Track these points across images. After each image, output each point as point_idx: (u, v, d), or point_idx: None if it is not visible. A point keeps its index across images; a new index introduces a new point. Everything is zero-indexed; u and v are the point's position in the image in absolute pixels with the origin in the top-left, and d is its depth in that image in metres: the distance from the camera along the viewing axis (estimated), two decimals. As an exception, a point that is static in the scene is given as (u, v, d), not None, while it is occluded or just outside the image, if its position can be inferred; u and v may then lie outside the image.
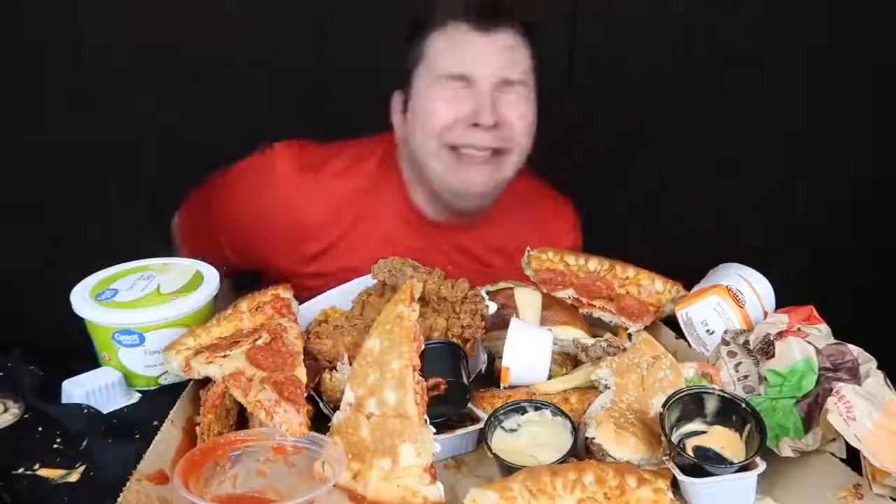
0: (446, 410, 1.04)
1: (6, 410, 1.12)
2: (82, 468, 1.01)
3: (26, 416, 1.12)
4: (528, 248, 1.36)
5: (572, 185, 2.07)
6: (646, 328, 1.27)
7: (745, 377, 1.08)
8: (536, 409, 1.05)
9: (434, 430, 0.96)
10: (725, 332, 1.16)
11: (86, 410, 1.10)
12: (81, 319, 1.17)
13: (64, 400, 1.13)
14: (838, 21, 2.00)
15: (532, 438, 1.02)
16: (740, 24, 2.00)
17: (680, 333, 1.26)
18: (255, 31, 1.85)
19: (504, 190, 1.46)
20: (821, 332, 1.09)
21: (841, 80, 2.04)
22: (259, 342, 1.08)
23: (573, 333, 1.21)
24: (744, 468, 0.91)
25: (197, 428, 1.01)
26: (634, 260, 1.37)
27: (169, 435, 0.99)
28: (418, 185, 1.48)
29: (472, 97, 1.36)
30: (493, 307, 1.17)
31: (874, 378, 0.98)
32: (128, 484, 0.87)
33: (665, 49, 2.00)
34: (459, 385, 1.04)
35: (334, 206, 1.47)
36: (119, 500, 0.85)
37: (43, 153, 1.85)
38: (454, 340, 1.09)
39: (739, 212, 2.11)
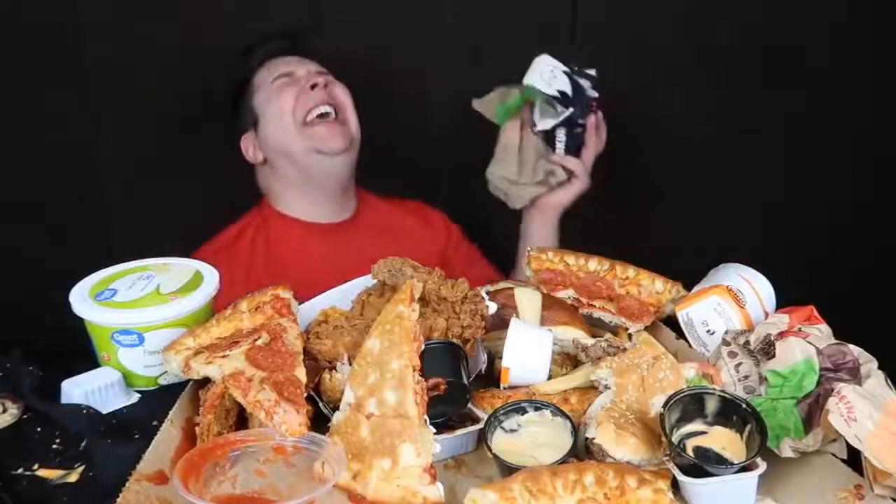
0: (446, 410, 1.04)
1: (5, 411, 1.12)
2: (81, 468, 1.01)
3: (25, 416, 1.12)
4: (528, 248, 1.37)
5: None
6: (646, 328, 1.27)
7: (746, 377, 1.08)
8: (536, 409, 1.05)
9: (434, 431, 0.96)
10: (726, 332, 1.16)
11: (85, 411, 1.10)
12: (81, 319, 1.16)
13: (63, 400, 1.13)
14: (838, 21, 2.00)
15: (532, 439, 1.02)
16: (741, 25, 2.00)
17: (680, 334, 1.26)
18: (256, 27, 1.85)
19: (356, 157, 1.71)
20: (821, 333, 1.09)
21: (841, 80, 2.04)
22: (259, 342, 1.07)
23: (573, 333, 1.21)
24: (744, 469, 0.91)
25: (196, 428, 1.01)
26: (634, 260, 1.37)
27: (168, 435, 0.99)
28: (290, 200, 1.73)
29: (299, 80, 1.68)
30: (493, 307, 1.16)
31: (875, 378, 0.98)
32: (127, 484, 0.87)
33: (665, 48, 1.99)
34: (459, 385, 1.04)
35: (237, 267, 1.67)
36: (118, 500, 0.85)
37: (43, 153, 1.85)
38: (454, 340, 1.09)
39: (740, 212, 2.11)
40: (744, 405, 0.95)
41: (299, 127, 1.64)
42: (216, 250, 1.69)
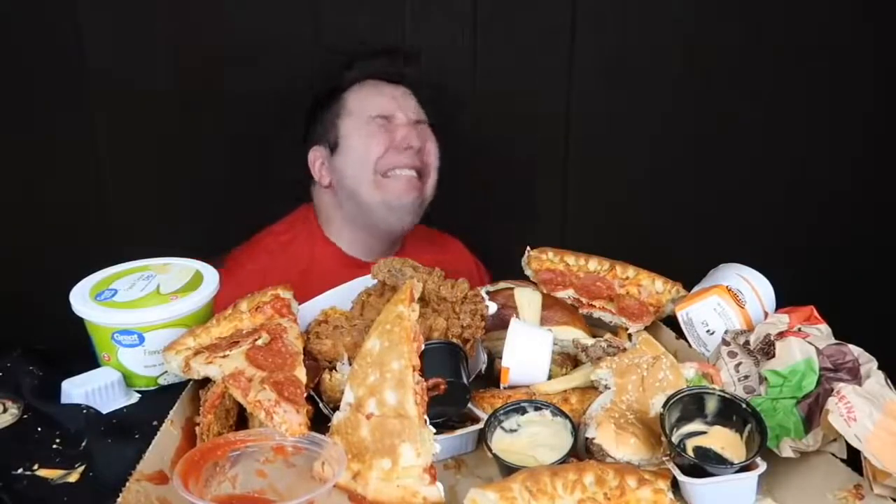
0: (446, 410, 1.04)
1: (5, 411, 1.12)
2: (82, 468, 1.01)
3: (25, 416, 1.12)
4: (528, 247, 1.37)
5: (572, 183, 2.08)
6: (646, 328, 1.27)
7: (746, 377, 1.08)
8: (536, 409, 1.05)
9: (434, 431, 0.96)
10: (726, 332, 1.16)
11: (85, 410, 1.10)
12: (81, 319, 1.16)
13: (63, 400, 1.13)
14: (838, 21, 2.00)
15: (532, 439, 1.02)
16: (741, 25, 2.00)
17: (680, 333, 1.26)
18: (256, 26, 1.85)
19: (420, 215, 1.68)
20: (821, 333, 1.09)
21: (842, 80, 2.04)
22: (259, 342, 1.08)
23: (573, 333, 1.21)
24: (744, 468, 0.91)
25: (196, 428, 1.01)
26: (634, 260, 1.37)
27: (168, 435, 0.99)
28: (342, 229, 1.69)
29: (396, 130, 1.63)
30: (493, 307, 1.17)
31: (875, 378, 0.98)
32: (127, 484, 0.87)
33: (665, 47, 1.99)
34: (459, 385, 1.04)
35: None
36: (118, 500, 0.85)
37: (43, 153, 1.85)
38: (454, 340, 1.09)
39: (740, 212, 2.11)
40: (744, 405, 0.95)
41: (377, 177, 1.61)
42: (270, 250, 1.67)
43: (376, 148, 1.60)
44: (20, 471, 1.00)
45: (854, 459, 0.93)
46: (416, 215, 1.66)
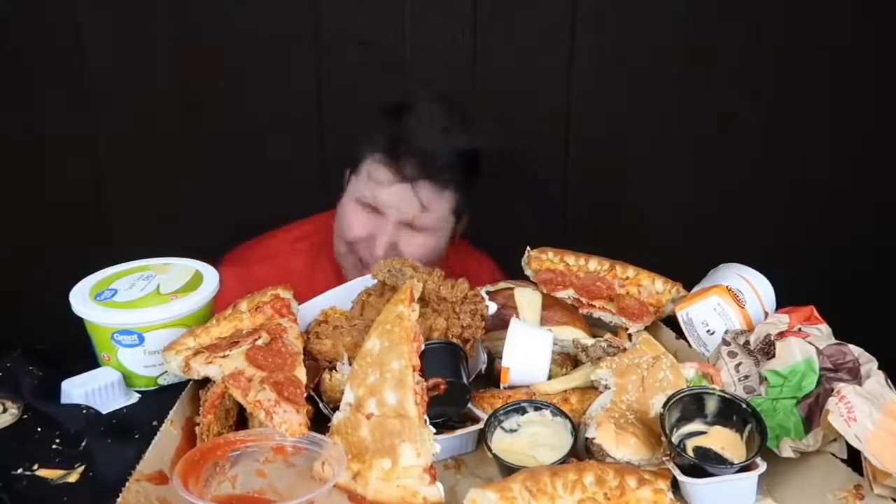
0: (446, 410, 1.04)
1: (5, 410, 1.12)
2: (81, 468, 1.01)
3: (25, 416, 1.12)
4: (528, 247, 1.37)
5: (572, 183, 2.08)
6: (646, 328, 1.27)
7: (746, 377, 1.08)
8: (536, 409, 1.05)
9: (434, 431, 0.96)
10: (726, 332, 1.16)
11: (85, 411, 1.10)
12: (81, 319, 1.16)
13: (63, 400, 1.13)
14: (838, 21, 2.00)
15: (532, 439, 1.02)
16: (742, 25, 2.00)
17: (680, 333, 1.26)
18: (256, 26, 1.85)
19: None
20: (821, 333, 1.09)
21: (842, 80, 2.04)
22: (259, 342, 1.07)
23: (573, 333, 1.21)
24: (744, 468, 0.91)
25: (196, 428, 1.01)
26: (634, 260, 1.37)
27: (168, 435, 0.99)
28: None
29: (380, 226, 1.50)
30: (493, 307, 1.16)
31: (875, 378, 0.98)
32: (127, 484, 0.87)
33: (665, 47, 1.99)
34: (459, 385, 1.04)
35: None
36: (118, 500, 0.85)
37: (43, 153, 1.85)
38: (454, 340, 1.09)
39: (740, 212, 2.11)
40: (744, 405, 0.95)
41: (351, 256, 1.55)
42: (296, 239, 1.63)
43: (354, 231, 1.52)
44: (20, 471, 1.00)
45: (854, 459, 0.93)
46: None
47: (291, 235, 1.68)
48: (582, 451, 1.01)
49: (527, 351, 1.13)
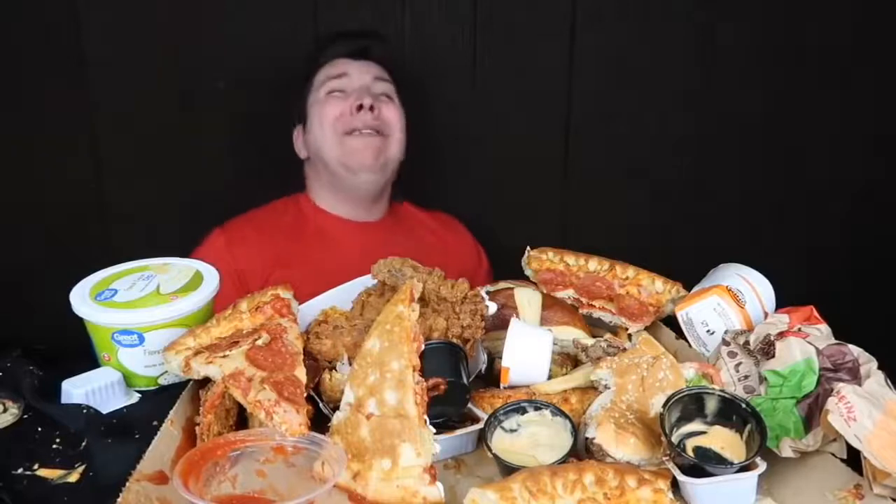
0: (446, 410, 1.04)
1: (5, 410, 1.12)
2: (82, 468, 1.01)
3: (26, 416, 1.12)
4: (528, 247, 1.37)
5: (572, 183, 2.08)
6: (646, 328, 1.27)
7: (746, 377, 1.08)
8: (536, 409, 1.05)
9: (434, 431, 0.96)
10: (726, 332, 1.16)
11: (85, 410, 1.10)
12: (81, 319, 1.16)
13: (63, 400, 1.13)
14: (838, 21, 2.00)
15: (532, 438, 1.02)
16: (742, 25, 2.00)
17: (680, 333, 1.26)
18: (255, 26, 1.85)
19: (388, 176, 1.77)
20: (821, 333, 1.09)
21: (842, 80, 2.04)
22: (259, 342, 1.07)
23: (573, 333, 1.21)
24: (744, 468, 0.91)
25: (196, 428, 1.01)
26: (634, 260, 1.37)
27: (168, 435, 0.99)
28: (326, 197, 1.79)
29: (350, 95, 1.71)
30: (493, 307, 1.16)
31: (875, 378, 0.98)
32: (127, 484, 0.87)
33: (665, 47, 2.00)
34: (459, 385, 1.04)
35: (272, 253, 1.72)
36: (118, 500, 0.85)
37: (43, 153, 1.85)
38: (454, 340, 1.09)
39: (740, 212, 2.11)
40: (744, 405, 0.95)
41: (339, 136, 1.70)
42: (257, 224, 1.77)
43: (331, 111, 1.70)
44: (20, 471, 1.00)
45: (854, 459, 0.93)
46: (381, 174, 1.74)
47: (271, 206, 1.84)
48: (582, 451, 1.01)
49: (527, 351, 1.13)
